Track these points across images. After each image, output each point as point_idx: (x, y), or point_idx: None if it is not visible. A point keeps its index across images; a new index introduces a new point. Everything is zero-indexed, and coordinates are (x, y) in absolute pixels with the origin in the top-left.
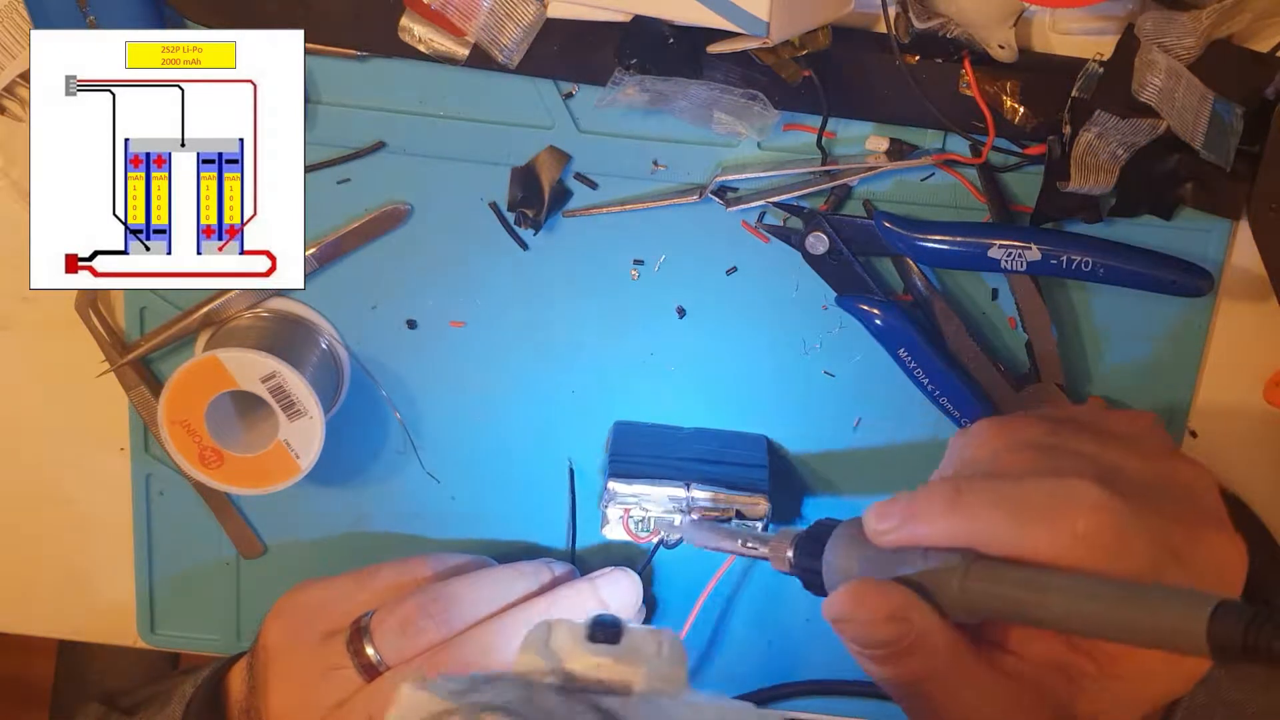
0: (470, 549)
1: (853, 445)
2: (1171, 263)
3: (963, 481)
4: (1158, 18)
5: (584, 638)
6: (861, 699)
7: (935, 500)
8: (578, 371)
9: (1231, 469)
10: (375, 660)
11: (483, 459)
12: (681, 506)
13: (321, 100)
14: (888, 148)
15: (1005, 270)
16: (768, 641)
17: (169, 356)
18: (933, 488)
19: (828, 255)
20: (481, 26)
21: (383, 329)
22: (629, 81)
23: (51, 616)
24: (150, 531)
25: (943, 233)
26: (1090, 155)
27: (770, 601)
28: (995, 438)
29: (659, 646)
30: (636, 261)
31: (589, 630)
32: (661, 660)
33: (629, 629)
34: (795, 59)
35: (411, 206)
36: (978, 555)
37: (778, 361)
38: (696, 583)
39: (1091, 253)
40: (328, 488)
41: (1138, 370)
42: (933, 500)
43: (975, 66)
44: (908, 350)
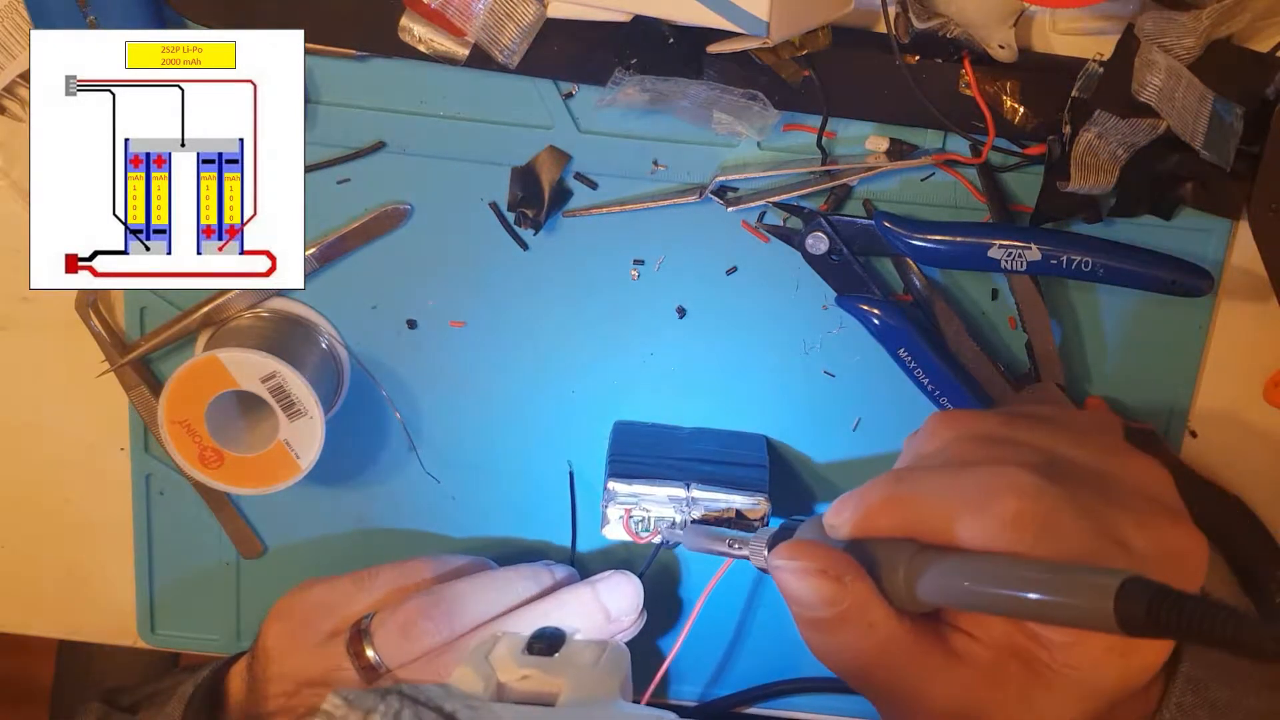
0: (470, 549)
1: (853, 445)
2: (1171, 263)
3: (904, 472)
4: (1158, 17)
5: (521, 649)
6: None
7: (877, 492)
8: (578, 371)
9: (1231, 469)
10: (375, 662)
11: (483, 459)
12: (682, 507)
13: (321, 100)
14: (888, 148)
15: (1005, 270)
16: (772, 639)
17: (169, 356)
18: (876, 480)
19: (828, 255)
20: (481, 26)
21: (383, 329)
22: (629, 81)
23: (51, 616)
24: (150, 531)
25: (943, 233)
26: (1090, 155)
27: (775, 600)
28: (946, 430)
29: (597, 658)
30: (636, 261)
31: (528, 642)
32: (595, 671)
33: (572, 641)
34: (795, 59)
35: (411, 206)
36: (922, 545)
37: (778, 361)
38: (698, 583)
39: (1091, 253)
40: (328, 488)
41: (1138, 370)
42: (875, 492)
43: (975, 66)
44: (908, 350)
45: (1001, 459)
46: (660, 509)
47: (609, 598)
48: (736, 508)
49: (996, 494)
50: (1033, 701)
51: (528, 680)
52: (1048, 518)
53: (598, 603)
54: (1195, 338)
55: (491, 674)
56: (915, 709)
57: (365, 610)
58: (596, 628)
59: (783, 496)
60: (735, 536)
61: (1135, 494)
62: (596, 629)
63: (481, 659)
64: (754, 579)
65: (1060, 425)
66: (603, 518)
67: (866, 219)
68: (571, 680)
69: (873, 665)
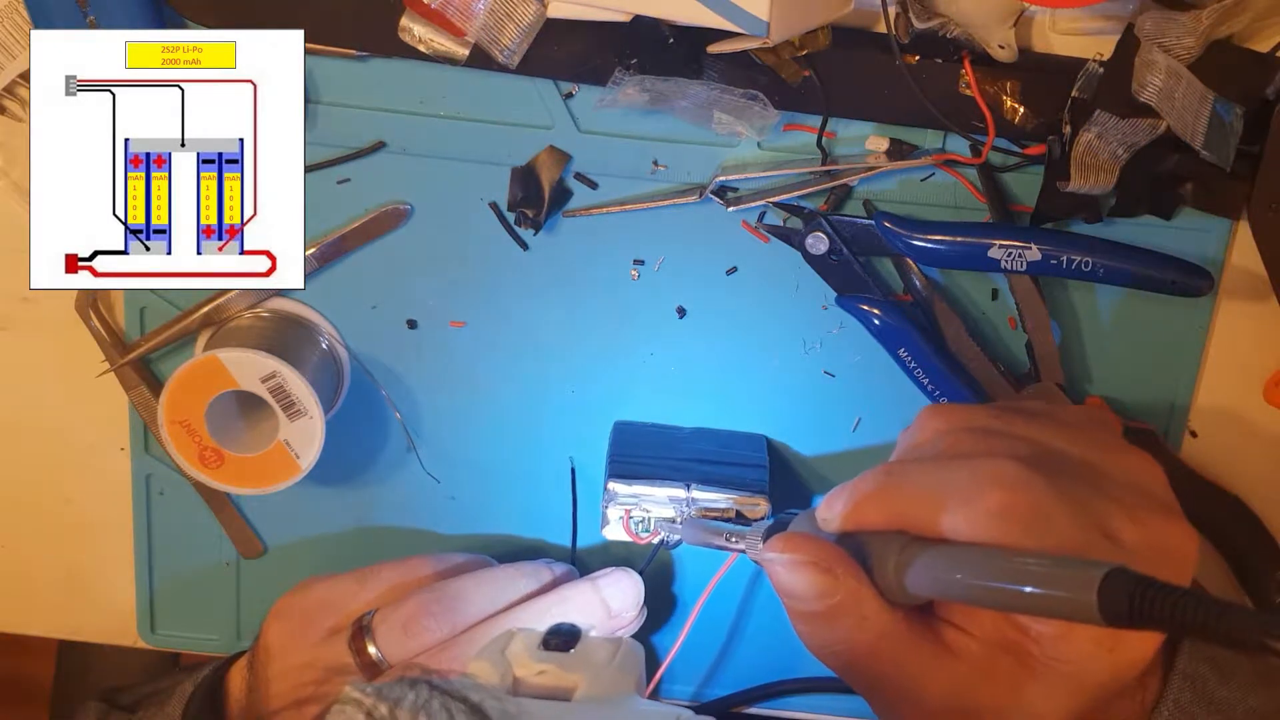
0: (470, 548)
1: (853, 445)
2: (1171, 263)
3: (894, 465)
4: (1158, 17)
5: (537, 645)
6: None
7: (868, 484)
8: (578, 371)
9: (1231, 469)
10: (377, 659)
11: (483, 458)
12: (682, 508)
13: (321, 100)
14: (888, 148)
15: (1005, 270)
16: (770, 638)
17: (169, 356)
18: (867, 473)
19: (828, 255)
20: (481, 26)
21: (383, 329)
22: (629, 81)
23: (51, 616)
24: (150, 531)
25: (943, 233)
26: (1090, 155)
27: (772, 599)
28: (937, 422)
29: (612, 655)
30: (636, 261)
31: (544, 638)
32: (610, 668)
33: (587, 638)
34: (795, 59)
35: (411, 206)
36: (912, 538)
37: (778, 361)
38: (699, 582)
39: (1091, 253)
40: (328, 487)
41: (1138, 370)
42: (865, 484)
43: (975, 66)
44: (908, 350)
45: (990, 451)
46: (660, 509)
47: (610, 594)
48: (736, 509)
49: (984, 485)
50: (1023, 694)
51: (544, 675)
52: (1035, 509)
53: (599, 598)
54: (1195, 338)
55: (508, 669)
56: (907, 702)
57: (366, 607)
58: (598, 624)
59: (783, 497)
60: (732, 530)
61: (1126, 487)
62: (598, 625)
63: (498, 654)
64: (751, 579)
65: (1051, 419)
66: (603, 518)
67: (866, 219)
68: (588, 676)
69: (865, 658)
